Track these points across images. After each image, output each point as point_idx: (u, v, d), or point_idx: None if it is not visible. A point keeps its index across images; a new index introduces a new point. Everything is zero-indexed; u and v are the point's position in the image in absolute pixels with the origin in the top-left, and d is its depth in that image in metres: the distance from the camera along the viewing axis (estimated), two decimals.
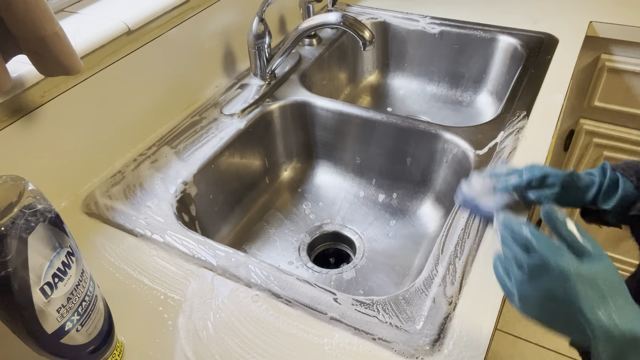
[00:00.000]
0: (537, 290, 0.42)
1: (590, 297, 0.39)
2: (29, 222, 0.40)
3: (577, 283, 0.40)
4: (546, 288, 0.42)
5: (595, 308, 0.39)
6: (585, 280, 0.40)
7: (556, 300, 0.41)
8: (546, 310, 0.42)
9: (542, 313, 0.43)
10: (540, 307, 0.43)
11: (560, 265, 0.41)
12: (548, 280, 0.41)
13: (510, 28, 1.06)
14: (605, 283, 0.40)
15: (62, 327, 0.44)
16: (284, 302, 0.56)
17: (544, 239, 0.43)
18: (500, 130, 0.79)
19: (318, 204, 0.91)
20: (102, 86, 0.72)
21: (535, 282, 0.42)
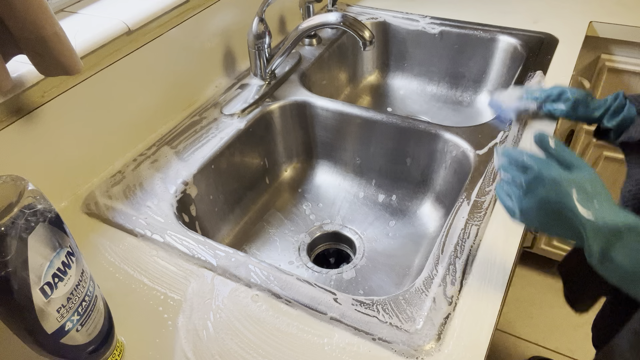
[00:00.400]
0: (535, 201, 0.50)
1: (579, 198, 0.47)
2: (29, 222, 0.40)
3: (567, 187, 0.48)
4: (542, 196, 0.49)
5: (584, 207, 0.46)
6: (573, 184, 0.48)
7: (552, 204, 0.48)
8: (544, 216, 0.49)
9: (541, 220, 0.50)
10: (539, 214, 0.50)
11: (551, 175, 0.49)
12: (543, 189, 0.49)
13: (510, 28, 1.06)
14: (590, 186, 0.47)
15: (62, 327, 0.44)
16: (284, 302, 0.56)
17: (537, 159, 0.51)
18: (500, 130, 0.79)
19: (318, 204, 0.91)
20: (102, 86, 0.72)
21: (532, 194, 0.50)
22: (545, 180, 0.49)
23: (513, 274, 0.62)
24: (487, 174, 0.72)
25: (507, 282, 0.57)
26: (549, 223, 0.50)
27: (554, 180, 0.49)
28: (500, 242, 0.62)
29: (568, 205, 0.47)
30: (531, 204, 0.50)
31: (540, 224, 0.50)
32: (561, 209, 0.48)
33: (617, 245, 0.45)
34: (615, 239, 0.45)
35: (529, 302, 1.51)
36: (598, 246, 0.45)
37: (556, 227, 0.49)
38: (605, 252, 0.45)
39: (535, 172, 0.50)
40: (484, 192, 0.69)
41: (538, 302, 1.42)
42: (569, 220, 0.47)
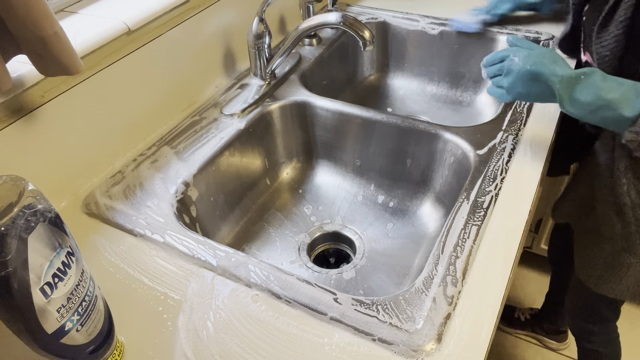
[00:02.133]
0: (515, 75, 0.68)
1: (545, 63, 0.66)
2: (29, 222, 0.40)
3: (535, 57, 0.67)
4: (519, 69, 0.67)
5: (551, 67, 0.65)
6: (540, 55, 0.67)
7: (528, 73, 0.67)
8: (525, 83, 0.67)
9: (523, 87, 0.68)
10: (520, 84, 0.68)
11: (521, 53, 0.68)
12: (518, 65, 0.68)
13: (511, 28, 1.06)
14: (551, 55, 0.67)
15: (62, 327, 0.44)
16: (284, 302, 0.56)
17: (508, 48, 0.72)
18: (500, 130, 0.79)
19: (318, 204, 0.91)
20: (102, 86, 0.72)
21: (512, 72, 0.68)
22: (517, 58, 0.68)
23: (513, 274, 0.62)
24: (487, 173, 0.72)
25: (507, 282, 0.57)
26: (529, 87, 0.67)
27: (525, 56, 0.68)
28: (500, 242, 0.62)
29: (540, 69, 0.65)
30: (513, 79, 0.68)
31: (523, 90, 0.68)
32: (536, 73, 0.66)
33: (578, 87, 0.62)
34: (576, 83, 0.62)
35: (529, 302, 1.51)
36: (566, 92, 0.63)
37: (535, 89, 0.67)
38: (572, 94, 0.63)
39: (510, 56, 0.69)
40: (484, 192, 0.69)
41: (538, 302, 1.42)
42: (543, 80, 0.65)
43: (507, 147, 0.76)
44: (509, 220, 0.65)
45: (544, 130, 0.80)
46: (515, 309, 1.45)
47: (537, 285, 1.55)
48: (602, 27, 0.68)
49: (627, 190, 0.75)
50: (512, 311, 1.45)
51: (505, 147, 0.76)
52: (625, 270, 0.82)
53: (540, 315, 1.40)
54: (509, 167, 0.73)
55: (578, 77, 0.63)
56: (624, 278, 0.83)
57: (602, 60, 0.69)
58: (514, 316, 1.44)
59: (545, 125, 0.81)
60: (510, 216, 0.65)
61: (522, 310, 1.44)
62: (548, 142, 0.77)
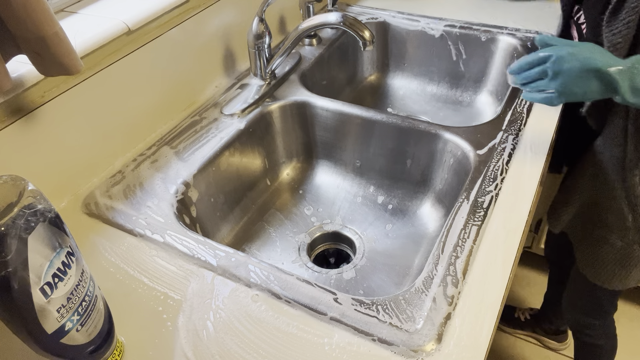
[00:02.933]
0: (566, 76, 0.63)
1: (597, 58, 0.62)
2: (29, 222, 0.40)
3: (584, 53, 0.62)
4: (569, 67, 0.63)
5: (604, 60, 0.61)
6: (586, 49, 0.63)
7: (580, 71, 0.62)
8: (578, 82, 0.63)
9: (578, 87, 0.63)
10: (574, 83, 0.63)
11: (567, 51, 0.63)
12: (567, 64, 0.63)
13: (510, 28, 1.06)
14: (598, 49, 0.64)
15: (62, 327, 0.44)
16: (284, 302, 0.56)
17: (548, 48, 0.66)
18: (500, 130, 0.79)
19: (318, 204, 0.91)
20: (102, 86, 0.72)
21: (560, 73, 0.63)
22: (565, 57, 0.63)
23: (513, 274, 0.62)
24: (487, 173, 0.72)
25: (507, 282, 0.57)
26: (586, 85, 0.63)
27: (571, 53, 0.63)
28: (500, 242, 0.62)
29: (593, 64, 0.62)
30: (563, 79, 0.63)
31: (580, 89, 0.63)
32: (591, 69, 0.62)
33: (638, 76, 0.60)
34: (635, 72, 0.60)
35: (529, 302, 1.51)
36: (626, 83, 0.61)
37: (592, 86, 0.63)
38: (633, 84, 0.61)
39: (554, 56, 0.64)
40: (484, 192, 0.69)
41: (538, 302, 1.42)
42: (598, 76, 0.62)
43: (507, 147, 0.76)
44: (509, 220, 0.65)
45: (544, 130, 0.80)
46: (515, 309, 1.45)
47: (537, 285, 1.55)
48: (613, 15, 0.68)
49: (639, 181, 0.76)
50: (512, 311, 1.45)
51: (505, 147, 0.76)
52: (635, 262, 0.83)
53: (540, 315, 1.40)
54: (509, 167, 0.73)
55: (634, 65, 0.61)
56: (634, 270, 0.84)
57: (614, 48, 0.69)
58: (514, 316, 1.44)
59: (545, 125, 0.81)
60: (510, 216, 0.65)
61: (522, 310, 1.44)
62: (548, 142, 0.77)
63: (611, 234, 0.83)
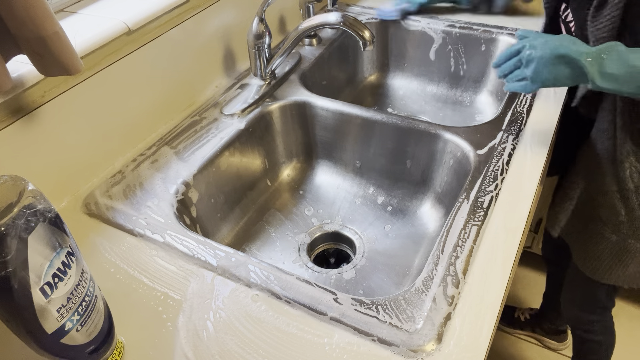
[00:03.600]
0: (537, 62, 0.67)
1: (567, 45, 0.65)
2: (29, 222, 0.40)
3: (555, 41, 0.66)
4: (540, 55, 0.67)
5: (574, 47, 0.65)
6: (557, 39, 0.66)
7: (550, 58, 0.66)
8: (549, 68, 0.66)
9: (549, 72, 0.67)
10: (545, 70, 0.67)
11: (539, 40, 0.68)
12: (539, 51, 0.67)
13: (510, 28, 1.06)
14: (568, 38, 0.67)
15: (62, 327, 0.44)
16: (284, 302, 0.56)
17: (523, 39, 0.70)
18: (500, 130, 0.79)
19: (318, 204, 0.91)
20: (102, 86, 0.72)
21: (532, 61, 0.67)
22: (536, 45, 0.67)
23: (513, 274, 0.62)
24: (487, 173, 0.72)
25: (507, 282, 0.57)
26: (556, 71, 0.66)
27: (543, 42, 0.67)
28: (500, 242, 0.62)
29: (564, 51, 0.65)
30: (536, 66, 0.67)
31: (550, 75, 0.67)
32: (560, 55, 0.65)
33: (606, 61, 0.62)
34: (604, 57, 0.62)
35: (529, 302, 1.51)
36: (595, 68, 0.63)
37: (562, 72, 0.66)
38: (601, 69, 0.62)
39: (527, 45, 0.68)
40: (484, 192, 0.69)
41: (538, 302, 1.42)
42: (569, 61, 0.65)
43: (507, 147, 0.76)
44: (509, 220, 0.65)
45: (544, 130, 0.80)
46: (515, 309, 1.45)
47: (537, 285, 1.55)
48: (597, 10, 0.69)
49: (630, 174, 0.76)
50: (512, 311, 1.45)
51: (505, 147, 0.76)
52: (632, 257, 0.83)
53: (540, 315, 1.40)
54: (509, 167, 0.73)
55: (603, 51, 0.63)
56: (631, 265, 0.84)
57: (599, 42, 0.69)
58: (514, 316, 1.44)
59: (545, 125, 0.81)
60: (510, 216, 0.65)
61: (522, 310, 1.44)
62: (548, 142, 0.77)
63: (606, 228, 0.84)
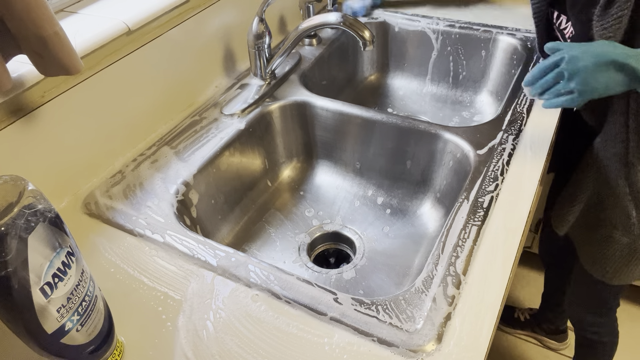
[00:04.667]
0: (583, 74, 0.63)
1: (611, 51, 0.62)
2: (29, 222, 0.40)
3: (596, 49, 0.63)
4: (584, 65, 0.62)
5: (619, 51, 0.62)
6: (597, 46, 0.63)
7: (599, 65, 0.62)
8: (598, 77, 0.63)
9: (598, 81, 0.63)
10: (593, 79, 0.63)
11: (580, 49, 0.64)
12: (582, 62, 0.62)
13: (511, 28, 1.06)
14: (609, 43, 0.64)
15: (62, 327, 0.44)
16: (284, 302, 0.56)
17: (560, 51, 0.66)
18: (500, 130, 0.79)
19: (318, 204, 0.91)
20: (102, 86, 0.72)
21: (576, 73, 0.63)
22: (578, 55, 0.63)
23: (513, 274, 0.62)
24: (487, 173, 0.72)
25: (507, 282, 0.57)
26: (606, 79, 0.63)
27: (584, 51, 0.63)
28: (500, 242, 0.62)
29: (608, 57, 0.62)
30: (582, 77, 0.63)
31: (600, 84, 0.63)
32: (609, 62, 0.62)
33: None
34: None
35: (529, 302, 1.51)
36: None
37: (612, 79, 0.63)
38: None
39: (567, 57, 0.64)
40: (484, 192, 0.69)
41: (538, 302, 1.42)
42: (617, 67, 0.62)
43: (507, 147, 0.76)
44: (509, 220, 0.65)
45: (544, 130, 0.80)
46: (515, 309, 1.45)
47: (537, 285, 1.55)
48: (605, 8, 0.67)
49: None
50: (512, 311, 1.45)
51: (505, 147, 0.76)
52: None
53: (539, 315, 1.41)
54: (509, 167, 0.73)
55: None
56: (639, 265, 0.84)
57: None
58: (514, 316, 1.44)
59: (545, 125, 0.81)
60: (510, 216, 0.65)
61: (522, 310, 1.44)
62: (548, 142, 0.77)
63: (616, 231, 0.83)
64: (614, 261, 0.86)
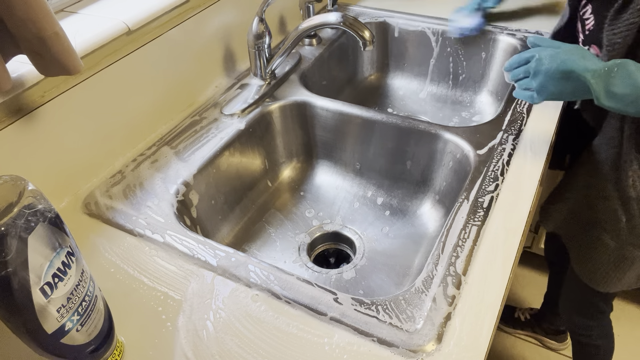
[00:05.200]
0: (544, 75, 0.66)
1: (575, 60, 0.63)
2: (29, 222, 0.40)
3: (563, 54, 0.65)
4: (547, 68, 0.65)
5: (581, 63, 0.63)
6: (566, 52, 0.65)
7: (557, 72, 0.64)
8: (555, 82, 0.65)
9: (555, 86, 0.65)
10: (551, 84, 0.65)
11: (548, 52, 0.66)
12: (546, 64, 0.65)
13: (510, 28, 1.06)
14: (579, 51, 0.65)
15: (62, 327, 0.44)
16: (284, 302, 0.56)
17: (532, 49, 0.69)
18: (500, 130, 0.79)
19: (318, 204, 0.91)
20: (102, 86, 0.72)
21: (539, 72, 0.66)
22: (545, 57, 0.66)
23: (513, 274, 0.62)
24: (487, 173, 0.72)
25: (507, 282, 0.57)
26: (561, 86, 0.65)
27: (552, 55, 0.65)
28: (500, 242, 0.62)
29: (570, 66, 0.63)
30: (542, 79, 0.66)
31: (555, 89, 0.66)
32: (566, 71, 0.63)
33: (613, 79, 0.60)
34: (611, 75, 0.60)
35: (529, 302, 1.51)
36: (601, 86, 0.61)
37: (567, 87, 0.65)
38: (607, 87, 0.60)
39: (536, 57, 0.67)
40: (484, 192, 0.69)
41: (538, 302, 1.42)
42: (575, 77, 0.63)
43: (507, 147, 0.76)
44: (509, 220, 0.65)
45: (544, 130, 0.80)
46: (515, 309, 1.45)
47: (537, 285, 1.55)
48: (617, 13, 0.67)
49: (633, 182, 0.75)
50: (512, 311, 1.45)
51: (505, 147, 0.76)
52: (629, 264, 0.82)
53: (540, 316, 1.41)
54: (509, 167, 0.73)
55: (611, 69, 0.61)
56: (628, 272, 0.84)
57: (612, 47, 0.68)
58: (514, 316, 1.44)
59: (545, 125, 0.81)
60: (510, 216, 0.65)
61: (522, 310, 1.44)
62: (548, 142, 0.77)
63: (605, 234, 0.83)
64: (602, 265, 0.86)
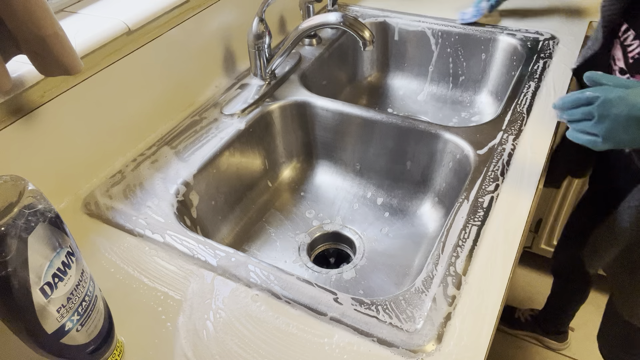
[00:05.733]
0: (611, 121, 0.57)
1: None
2: (29, 222, 0.40)
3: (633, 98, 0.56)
4: (616, 113, 0.56)
5: None
6: (637, 94, 0.56)
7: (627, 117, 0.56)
8: (626, 129, 0.57)
9: (626, 133, 0.57)
10: (620, 130, 0.57)
11: (616, 94, 0.57)
12: (614, 108, 0.56)
13: (510, 28, 1.06)
14: None
15: (62, 327, 0.44)
16: (284, 302, 0.56)
17: (597, 89, 0.59)
18: (500, 130, 0.80)
19: (318, 204, 0.91)
20: (102, 86, 0.72)
21: (605, 117, 0.57)
22: (612, 100, 0.57)
23: (513, 274, 0.62)
24: (487, 173, 0.72)
25: (507, 282, 0.57)
26: (632, 133, 0.57)
27: (620, 97, 0.57)
28: (500, 242, 0.62)
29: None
30: (609, 125, 0.57)
31: (627, 136, 0.57)
32: (637, 117, 0.55)
33: None
34: None
35: (529, 302, 1.51)
36: None
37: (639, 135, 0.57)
38: None
39: (602, 99, 0.58)
40: (484, 192, 0.69)
41: (538, 302, 1.42)
42: None
43: (507, 147, 0.76)
44: (509, 220, 0.65)
45: (544, 131, 0.80)
46: (515, 309, 1.45)
47: (537, 285, 1.55)
48: None
49: None
50: (512, 311, 1.45)
51: (505, 147, 0.76)
52: None
53: (540, 317, 1.40)
54: (509, 167, 0.73)
55: None
56: None
57: None
58: (514, 317, 1.44)
59: (545, 126, 0.81)
60: (510, 216, 0.65)
61: (522, 311, 1.44)
62: (548, 142, 0.77)
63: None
64: None
